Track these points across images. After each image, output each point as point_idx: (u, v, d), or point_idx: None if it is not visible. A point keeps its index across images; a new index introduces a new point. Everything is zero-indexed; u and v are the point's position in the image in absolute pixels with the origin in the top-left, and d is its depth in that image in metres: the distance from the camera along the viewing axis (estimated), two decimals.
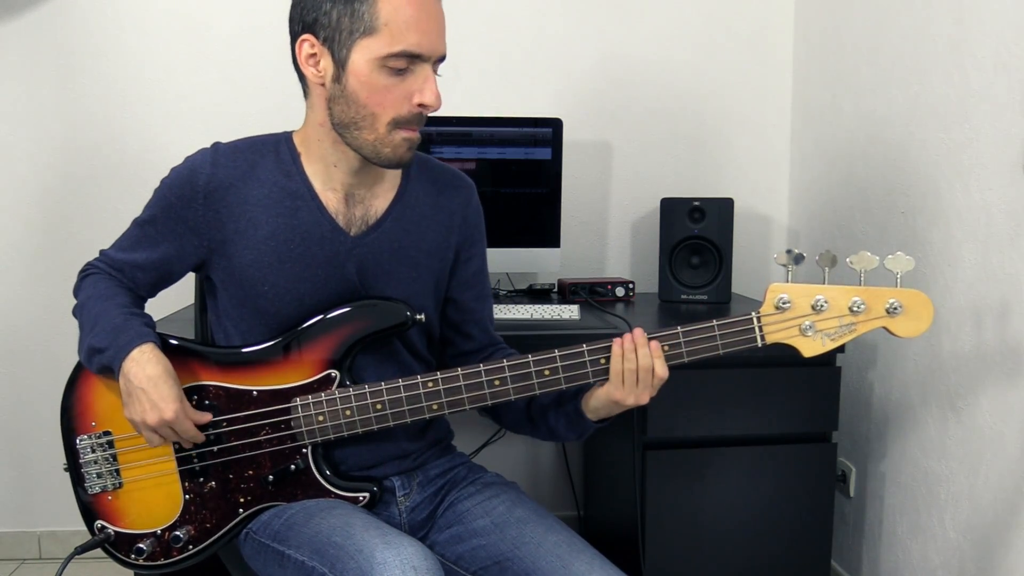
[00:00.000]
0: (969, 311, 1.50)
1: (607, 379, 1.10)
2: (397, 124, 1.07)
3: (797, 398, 1.62)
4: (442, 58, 1.08)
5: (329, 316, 1.15)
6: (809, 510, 1.65)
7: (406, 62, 1.04)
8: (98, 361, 1.12)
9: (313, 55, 1.08)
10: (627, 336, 1.09)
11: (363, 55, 1.04)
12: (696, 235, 1.91)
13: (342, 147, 1.12)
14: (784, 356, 1.61)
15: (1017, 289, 1.39)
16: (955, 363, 1.54)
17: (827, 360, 1.64)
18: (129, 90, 2.04)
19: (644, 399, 1.10)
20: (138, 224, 1.19)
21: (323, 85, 1.09)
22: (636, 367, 1.08)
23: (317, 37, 1.06)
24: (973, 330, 1.49)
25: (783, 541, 1.65)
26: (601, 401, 1.12)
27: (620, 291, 1.96)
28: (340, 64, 1.06)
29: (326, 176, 1.16)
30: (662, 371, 1.09)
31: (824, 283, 1.09)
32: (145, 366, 1.08)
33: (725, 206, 1.90)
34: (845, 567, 1.92)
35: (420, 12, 1.04)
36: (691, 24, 2.16)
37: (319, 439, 1.14)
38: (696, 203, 1.91)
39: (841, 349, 1.61)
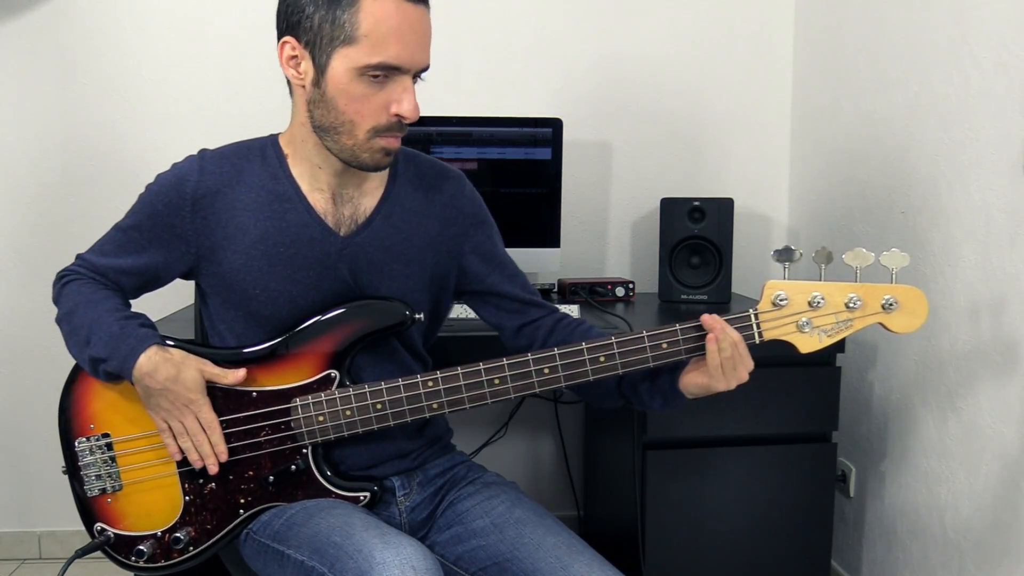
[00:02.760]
0: (969, 311, 1.50)
1: (687, 364, 1.12)
2: (376, 132, 1.07)
3: (797, 398, 1.61)
4: (424, 69, 1.08)
5: (327, 316, 1.14)
6: (809, 510, 1.65)
7: (385, 73, 1.04)
8: (104, 369, 1.11)
9: (294, 57, 1.08)
10: (716, 329, 1.07)
11: (343, 63, 1.04)
12: (696, 235, 1.91)
13: (324, 150, 1.12)
14: (784, 356, 1.61)
15: (1017, 289, 1.39)
16: (955, 363, 1.54)
17: (827, 360, 1.64)
18: (129, 90, 2.04)
19: (744, 377, 1.10)
20: (121, 229, 1.18)
21: (303, 87, 1.09)
22: (731, 354, 1.08)
23: (299, 40, 1.06)
24: (973, 330, 1.49)
25: (783, 541, 1.65)
26: (700, 389, 1.11)
27: (620, 291, 1.96)
28: (320, 69, 1.06)
29: (312, 177, 1.16)
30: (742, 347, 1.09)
31: (820, 279, 1.10)
32: (156, 372, 1.08)
33: (725, 206, 1.90)
34: (845, 567, 1.92)
35: (402, 24, 1.03)
36: (691, 24, 2.16)
37: (319, 439, 1.14)
38: (696, 203, 1.91)
39: (841, 348, 1.63)
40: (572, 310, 1.70)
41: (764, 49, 2.18)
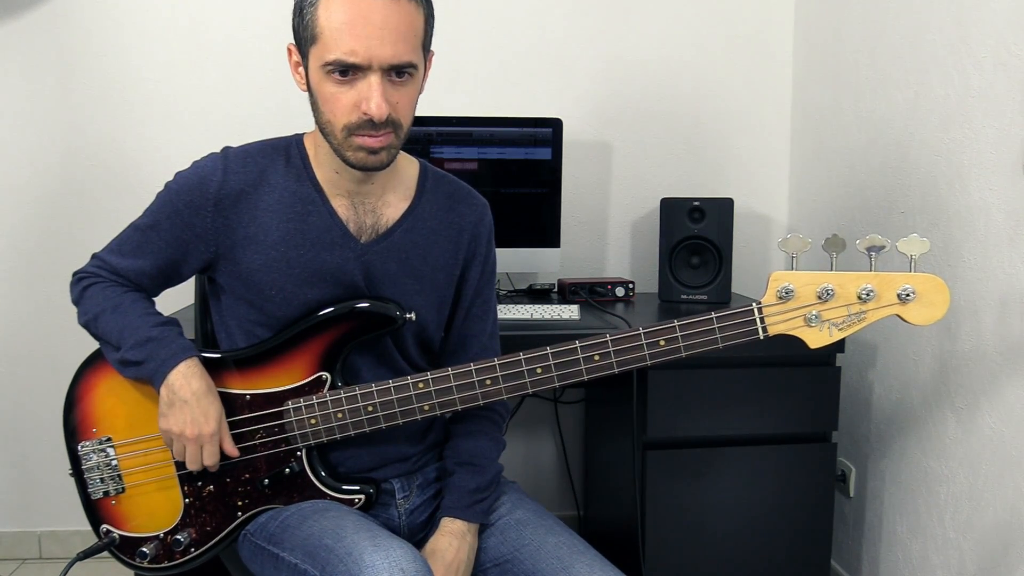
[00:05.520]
0: (969, 311, 1.50)
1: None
2: (351, 131, 1.04)
3: (797, 398, 1.61)
4: (397, 66, 1.01)
5: (317, 318, 1.14)
6: (809, 510, 1.65)
7: (349, 71, 1.00)
8: (134, 372, 1.12)
9: (297, 62, 1.09)
10: None
11: (313, 63, 1.03)
12: (696, 235, 1.91)
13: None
14: (784, 356, 1.62)
15: (1017, 289, 1.39)
16: (955, 363, 1.54)
17: (827, 360, 1.64)
18: (129, 91, 2.04)
19: None
20: (139, 229, 1.16)
21: (306, 91, 1.09)
22: None
23: (297, 46, 1.07)
24: (973, 330, 1.49)
25: (783, 541, 1.65)
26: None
27: (620, 291, 1.96)
28: (307, 72, 1.06)
29: (333, 183, 1.14)
30: None
31: (832, 270, 1.03)
32: (191, 380, 1.08)
33: (725, 206, 1.90)
34: (845, 567, 1.92)
35: (355, 18, 0.98)
36: (691, 24, 2.15)
37: (312, 442, 1.14)
38: (696, 203, 1.90)
39: (841, 348, 1.63)
40: (572, 310, 1.70)
41: (764, 49, 2.18)
